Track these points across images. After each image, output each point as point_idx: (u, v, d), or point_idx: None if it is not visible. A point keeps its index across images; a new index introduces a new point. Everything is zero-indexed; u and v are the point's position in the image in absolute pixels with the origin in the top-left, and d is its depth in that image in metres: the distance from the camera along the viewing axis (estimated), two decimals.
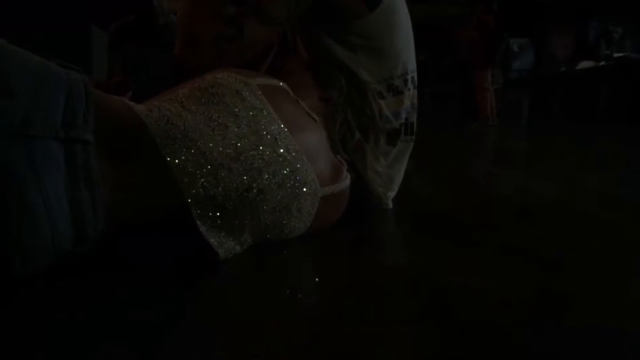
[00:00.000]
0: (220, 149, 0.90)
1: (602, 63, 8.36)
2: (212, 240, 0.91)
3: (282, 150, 0.96)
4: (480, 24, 6.33)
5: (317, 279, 0.93)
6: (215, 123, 0.92)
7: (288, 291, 0.84)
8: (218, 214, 0.91)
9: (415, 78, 1.32)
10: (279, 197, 0.96)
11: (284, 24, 1.13)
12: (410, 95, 1.30)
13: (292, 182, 0.98)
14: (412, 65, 1.30)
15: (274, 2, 1.09)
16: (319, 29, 1.21)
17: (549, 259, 1.01)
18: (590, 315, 0.76)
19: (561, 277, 0.91)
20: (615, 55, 8.76)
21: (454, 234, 1.19)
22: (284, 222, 1.00)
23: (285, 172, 0.96)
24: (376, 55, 1.22)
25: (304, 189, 1.00)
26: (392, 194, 1.35)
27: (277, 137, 0.96)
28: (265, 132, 0.95)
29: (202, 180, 0.88)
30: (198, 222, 0.89)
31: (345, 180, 1.12)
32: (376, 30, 1.21)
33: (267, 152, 0.94)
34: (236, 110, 0.95)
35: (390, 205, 1.34)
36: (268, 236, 1.01)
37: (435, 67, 10.32)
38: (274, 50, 1.33)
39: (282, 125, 0.98)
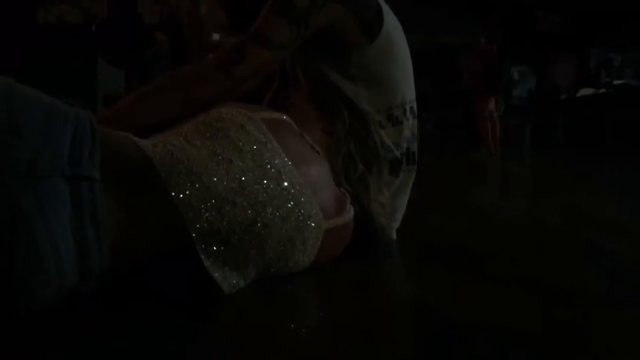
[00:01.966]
0: (225, 183, 0.91)
1: (602, 90, 8.41)
2: (217, 274, 0.90)
3: (286, 184, 0.96)
4: (484, 54, 6.38)
5: (321, 314, 0.92)
6: (220, 157, 0.93)
7: (293, 326, 0.84)
8: (222, 248, 0.91)
9: (415, 108, 1.33)
10: (283, 230, 0.96)
11: (286, 49, 1.13)
12: (410, 125, 1.30)
13: (296, 216, 0.98)
14: (410, 95, 1.31)
15: (273, 28, 1.11)
16: (319, 60, 1.22)
17: (558, 292, 1.00)
18: (605, 351, 0.75)
19: (572, 311, 0.90)
20: (615, 82, 8.82)
21: (459, 266, 1.18)
22: (289, 255, 1.00)
23: (289, 205, 0.97)
24: (375, 85, 1.23)
25: (308, 222, 1.00)
26: (395, 225, 1.35)
27: (281, 170, 0.97)
28: (269, 166, 0.96)
29: (207, 214, 0.89)
30: (202, 257, 0.89)
31: (349, 213, 1.12)
32: (375, 61, 1.22)
33: (271, 186, 0.95)
34: (240, 144, 0.95)
35: (394, 237, 1.34)
36: (272, 270, 1.00)
37: (437, 96, 10.38)
38: (276, 83, 1.35)
39: (286, 159, 0.98)
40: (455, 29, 10.18)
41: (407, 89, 1.30)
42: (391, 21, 1.26)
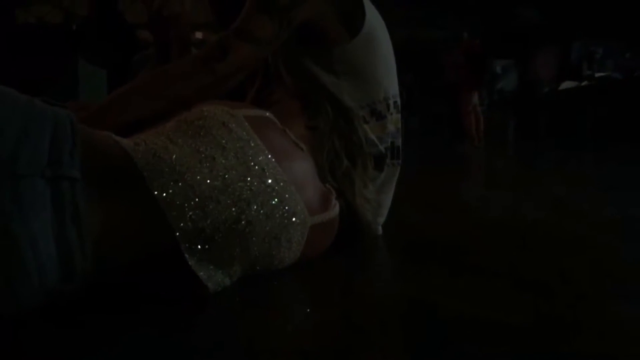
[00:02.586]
0: (208, 181, 0.90)
1: (585, 83, 8.49)
2: (201, 273, 0.90)
3: (270, 181, 0.96)
4: (467, 48, 6.42)
5: (308, 310, 0.92)
6: (203, 155, 0.92)
7: (279, 323, 0.83)
8: (207, 246, 0.90)
9: (398, 102, 1.33)
10: (267, 227, 0.96)
11: (269, 45, 1.13)
12: (394, 119, 1.31)
13: (280, 213, 0.97)
14: (393, 90, 1.32)
15: (256, 23, 1.11)
16: (302, 56, 1.22)
17: (544, 285, 1.01)
18: (592, 344, 0.75)
19: (558, 303, 0.91)
20: (597, 75, 8.90)
21: (446, 260, 1.18)
22: (274, 252, 0.99)
23: (273, 202, 0.96)
24: (358, 80, 1.23)
25: (293, 219, 1.00)
26: (381, 220, 1.35)
27: (265, 167, 0.96)
28: (252, 163, 0.95)
29: (190, 213, 0.88)
30: (187, 256, 0.88)
31: (335, 209, 1.12)
32: (357, 56, 1.22)
33: (255, 183, 0.94)
34: (223, 142, 0.95)
35: (380, 231, 1.34)
36: (258, 267, 1.00)
37: (421, 90, 10.42)
38: (258, 80, 1.34)
39: (269, 156, 0.98)
40: (437, 24, 10.22)
41: (390, 84, 1.31)
42: (373, 16, 1.26)
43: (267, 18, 1.10)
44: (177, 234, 0.87)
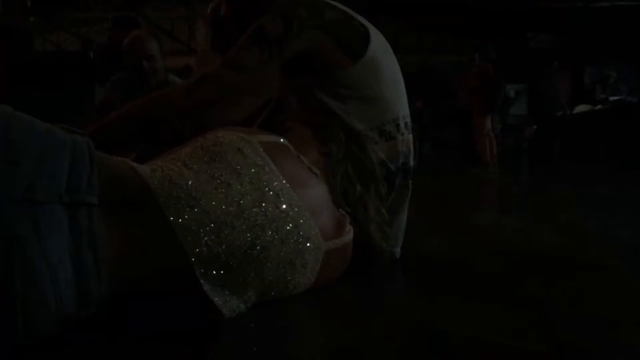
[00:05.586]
0: (224, 206, 0.91)
1: (599, 107, 8.46)
2: (216, 299, 0.90)
3: (284, 206, 0.96)
4: (479, 72, 6.41)
5: (322, 337, 0.92)
6: (218, 181, 0.93)
7: (293, 351, 0.83)
8: (222, 272, 0.91)
9: (409, 123, 1.33)
10: (282, 253, 0.96)
11: (252, 70, 1.15)
12: (405, 140, 1.30)
13: (295, 238, 0.97)
14: (403, 111, 1.32)
15: (243, 52, 1.14)
16: (308, 84, 1.23)
17: (559, 310, 1.00)
18: None
19: (572, 329, 0.90)
20: (611, 98, 8.88)
21: (460, 286, 1.18)
22: (289, 278, 0.99)
23: (288, 227, 0.96)
24: (364, 103, 1.24)
25: (308, 244, 1.00)
26: (397, 244, 1.34)
27: (280, 193, 0.97)
28: (267, 189, 0.96)
29: (206, 238, 0.88)
30: (202, 281, 0.89)
31: (349, 234, 1.12)
32: (362, 79, 1.23)
33: (270, 209, 0.95)
34: (238, 167, 0.96)
35: (397, 255, 1.33)
36: (272, 293, 0.99)
37: (434, 115, 10.43)
38: (269, 106, 1.36)
39: (284, 181, 0.98)
40: (449, 49, 10.27)
41: (400, 105, 1.31)
42: (377, 41, 1.27)
43: (255, 47, 1.14)
44: (192, 259, 0.87)
